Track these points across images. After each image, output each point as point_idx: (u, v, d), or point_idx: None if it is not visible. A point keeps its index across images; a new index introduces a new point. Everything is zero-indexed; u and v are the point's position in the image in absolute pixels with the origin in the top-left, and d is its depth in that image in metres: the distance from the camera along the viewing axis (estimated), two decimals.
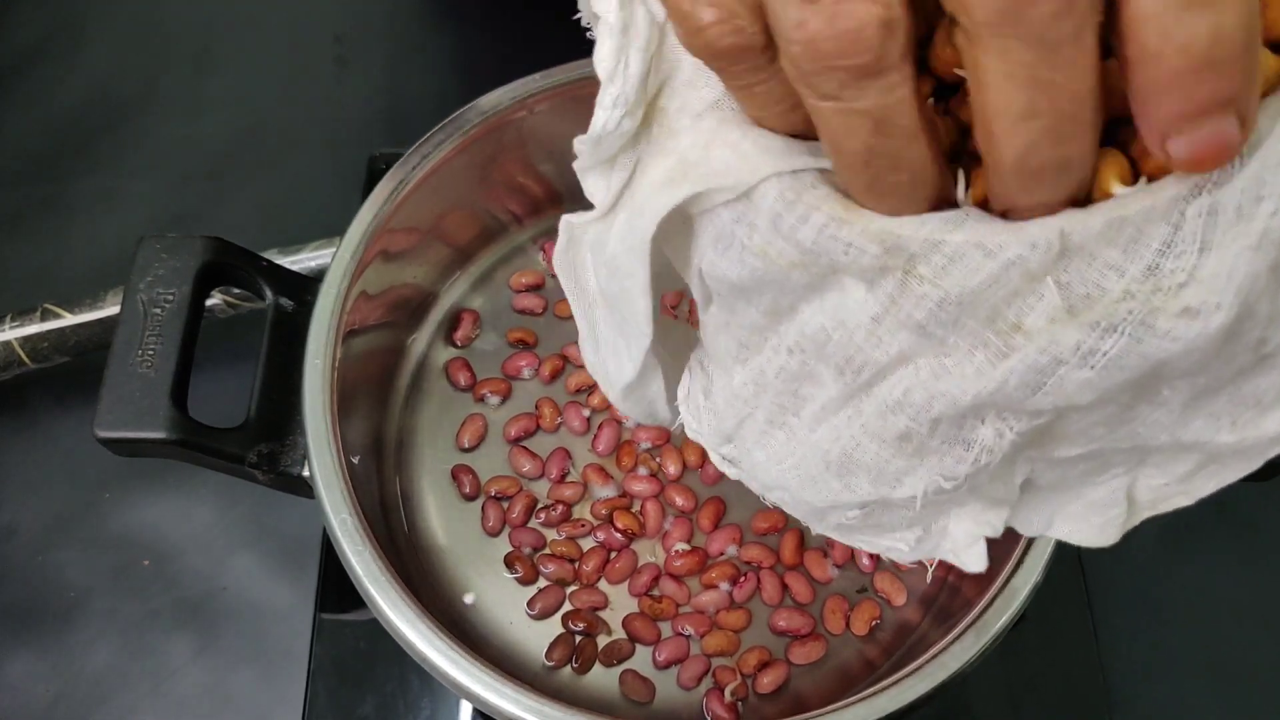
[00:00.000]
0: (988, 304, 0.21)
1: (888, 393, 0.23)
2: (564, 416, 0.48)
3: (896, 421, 0.23)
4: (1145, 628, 0.50)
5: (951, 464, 0.24)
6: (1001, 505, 0.27)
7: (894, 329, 0.22)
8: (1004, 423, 0.23)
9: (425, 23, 0.70)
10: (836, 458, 0.25)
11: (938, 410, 0.23)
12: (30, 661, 0.49)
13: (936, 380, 0.22)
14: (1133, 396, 0.23)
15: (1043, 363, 0.21)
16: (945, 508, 0.28)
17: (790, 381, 0.25)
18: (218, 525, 0.52)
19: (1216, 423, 0.24)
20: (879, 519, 0.27)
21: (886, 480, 0.25)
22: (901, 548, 0.29)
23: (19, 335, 0.51)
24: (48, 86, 0.66)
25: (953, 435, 0.23)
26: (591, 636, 0.44)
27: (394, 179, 0.44)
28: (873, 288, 0.22)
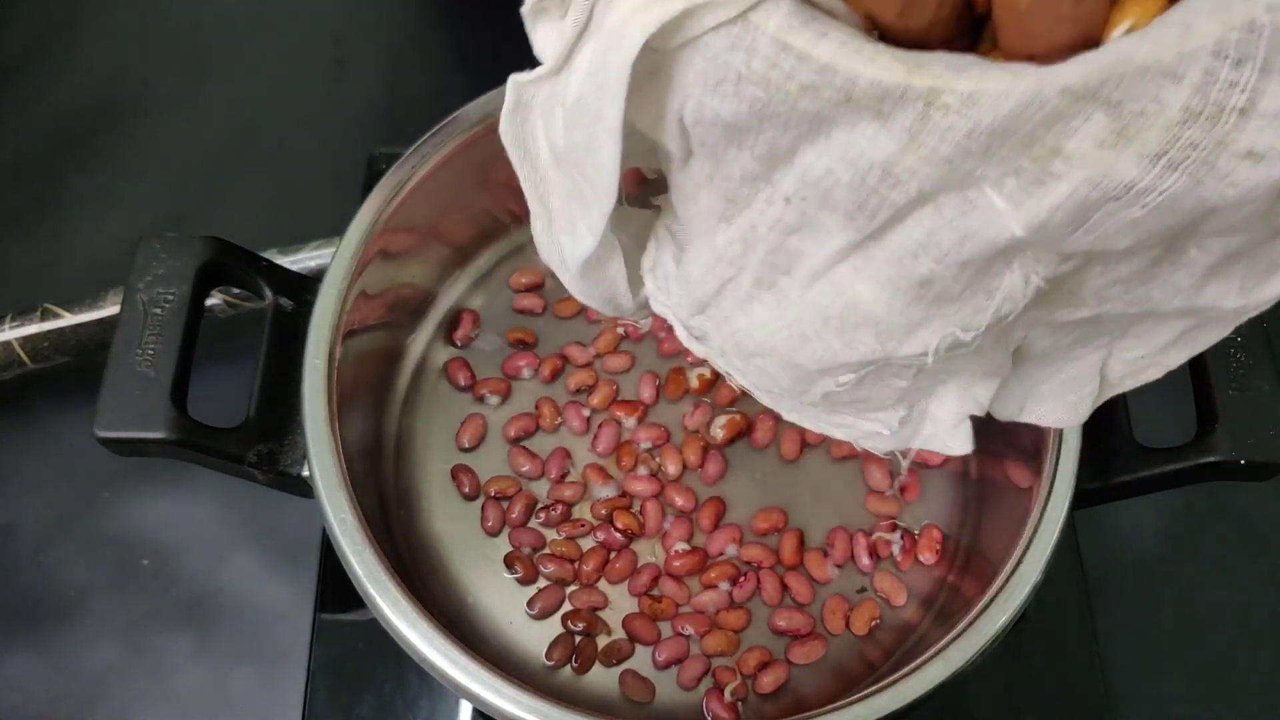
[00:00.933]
0: (1023, 130, 0.19)
1: (906, 236, 0.21)
2: (564, 416, 0.48)
3: (918, 266, 0.22)
4: (1145, 628, 0.50)
5: (970, 313, 0.22)
6: (991, 377, 0.26)
7: (915, 166, 0.20)
8: (1031, 267, 0.22)
9: (425, 23, 0.70)
10: (839, 311, 0.23)
11: (969, 251, 0.21)
12: (29, 660, 0.49)
13: (964, 217, 0.21)
14: (1164, 250, 0.22)
15: (1092, 196, 0.20)
16: (934, 384, 0.26)
17: (785, 235, 0.23)
18: (217, 525, 0.52)
19: (1227, 288, 0.23)
20: (868, 391, 0.25)
21: (896, 333, 0.23)
22: (882, 430, 0.27)
23: (19, 335, 0.51)
24: (47, 87, 0.66)
25: (976, 281, 0.22)
26: (591, 636, 0.44)
27: (394, 179, 0.44)
28: (887, 122, 0.20)
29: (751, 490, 0.47)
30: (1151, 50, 0.18)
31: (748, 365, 0.27)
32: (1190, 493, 0.42)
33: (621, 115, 0.22)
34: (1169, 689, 0.49)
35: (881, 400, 0.26)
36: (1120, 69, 0.18)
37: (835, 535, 0.46)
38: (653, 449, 0.48)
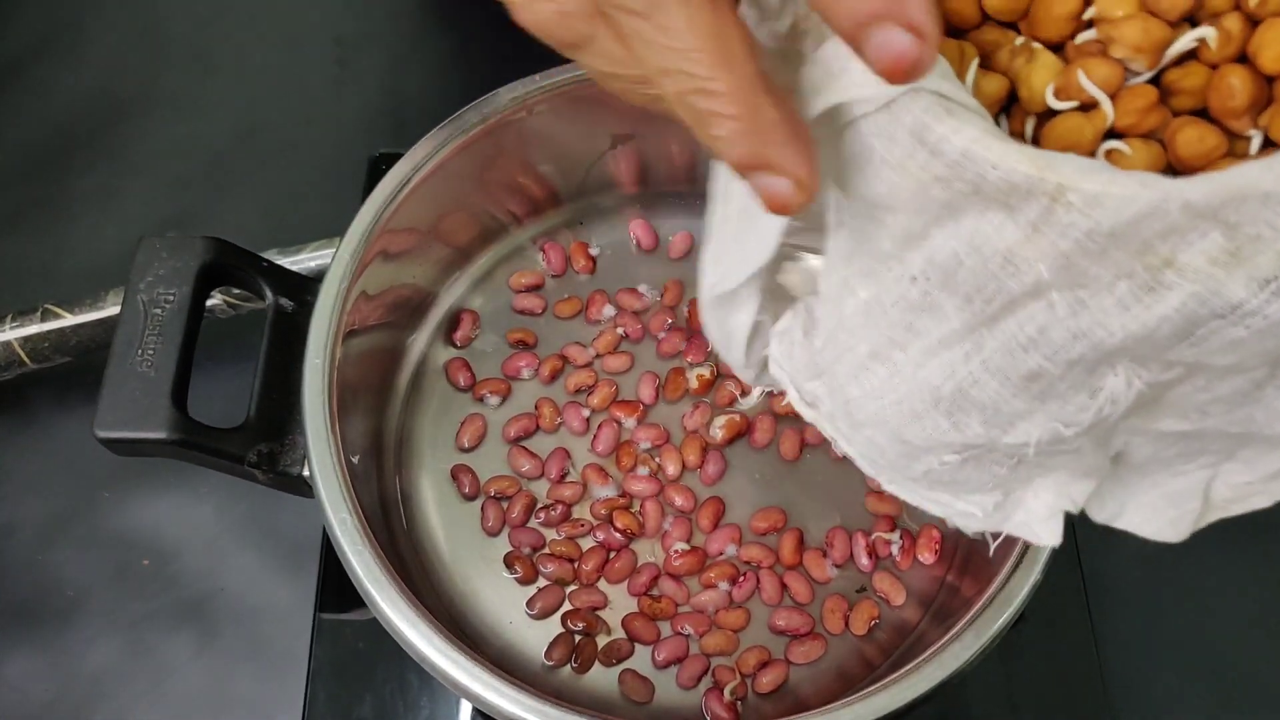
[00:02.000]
0: (1141, 236, 0.20)
1: (1018, 329, 0.22)
2: (563, 417, 0.48)
3: (1028, 360, 0.22)
4: (1144, 627, 0.50)
5: (1074, 411, 0.23)
6: (1089, 477, 0.27)
7: (1034, 259, 0.21)
8: (1135, 371, 0.22)
9: (425, 23, 0.70)
10: (949, 394, 0.24)
11: (1078, 351, 0.22)
12: (29, 661, 0.49)
13: (1074, 317, 0.21)
14: (1269, 373, 0.22)
15: (1199, 313, 0.20)
16: (1032, 476, 0.27)
17: (907, 312, 0.24)
18: (217, 525, 0.52)
19: None
20: (969, 474, 0.26)
21: (1000, 422, 0.24)
22: (976, 513, 0.28)
23: (19, 335, 0.51)
24: (49, 86, 0.66)
25: (1082, 380, 0.23)
26: (591, 636, 0.44)
27: (394, 179, 0.44)
28: (1014, 214, 0.21)
29: (751, 490, 0.47)
30: (1276, 179, 0.19)
31: (856, 434, 0.28)
32: None
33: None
34: (1168, 689, 0.49)
35: (980, 484, 0.27)
36: (1243, 192, 0.19)
37: (834, 535, 0.46)
38: (652, 449, 0.48)
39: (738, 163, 0.22)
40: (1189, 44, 0.23)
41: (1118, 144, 0.23)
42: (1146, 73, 0.23)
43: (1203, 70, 0.23)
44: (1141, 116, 0.23)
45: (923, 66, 0.19)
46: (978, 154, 0.21)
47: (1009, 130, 0.24)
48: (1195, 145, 0.23)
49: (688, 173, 0.52)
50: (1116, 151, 0.23)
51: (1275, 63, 0.22)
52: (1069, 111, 0.23)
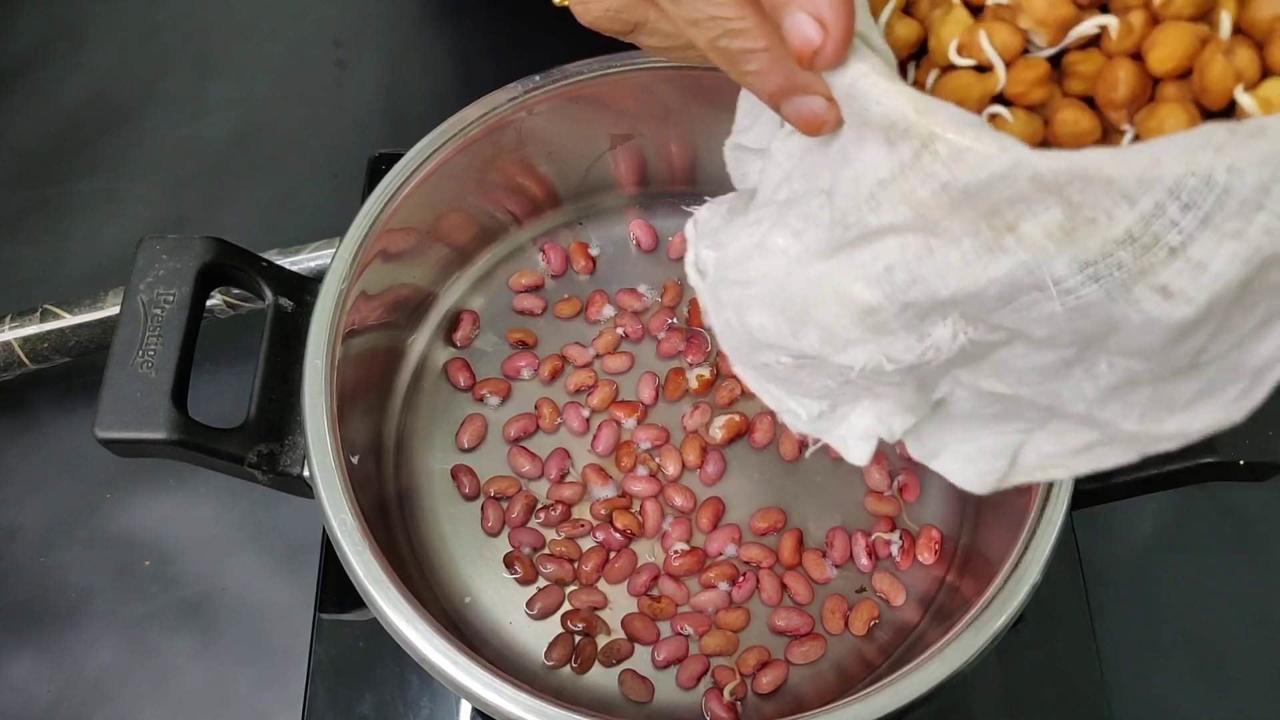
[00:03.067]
0: (990, 200, 0.21)
1: (870, 263, 0.24)
2: (563, 417, 0.48)
3: (869, 293, 0.24)
4: (1143, 627, 0.50)
5: (900, 350, 0.25)
6: (909, 413, 0.29)
7: (895, 200, 0.23)
8: (961, 326, 0.24)
9: (425, 24, 0.70)
10: (798, 304, 0.26)
11: (914, 295, 0.23)
12: (31, 661, 0.49)
13: (920, 262, 0.23)
14: (1076, 354, 0.24)
15: (1024, 280, 0.22)
16: (859, 396, 0.29)
17: (802, 220, 0.26)
18: (218, 525, 0.52)
19: (1128, 411, 0.25)
20: (802, 378, 0.28)
21: (834, 343, 0.26)
22: (801, 414, 0.30)
23: (19, 335, 0.51)
24: (49, 88, 0.66)
25: (913, 324, 0.24)
26: (591, 636, 0.44)
27: (394, 179, 0.44)
28: (891, 149, 0.22)
29: (750, 490, 0.47)
30: (1119, 167, 0.20)
31: (719, 311, 0.30)
32: (1190, 492, 0.42)
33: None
34: (1167, 689, 0.49)
35: (809, 389, 0.29)
36: (1088, 173, 0.20)
37: (834, 535, 0.46)
38: (652, 449, 0.48)
39: (773, 92, 0.24)
40: (1091, 29, 0.24)
41: (1001, 109, 0.24)
42: (1047, 49, 0.24)
43: (1099, 58, 0.24)
44: (1029, 87, 0.24)
45: (826, 56, 0.22)
46: (862, 89, 0.22)
47: (913, 79, 0.26)
48: (1070, 126, 0.24)
49: (687, 173, 0.52)
50: (999, 117, 0.24)
51: (1161, 64, 0.23)
52: (964, 69, 0.24)
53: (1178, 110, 0.23)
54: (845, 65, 0.23)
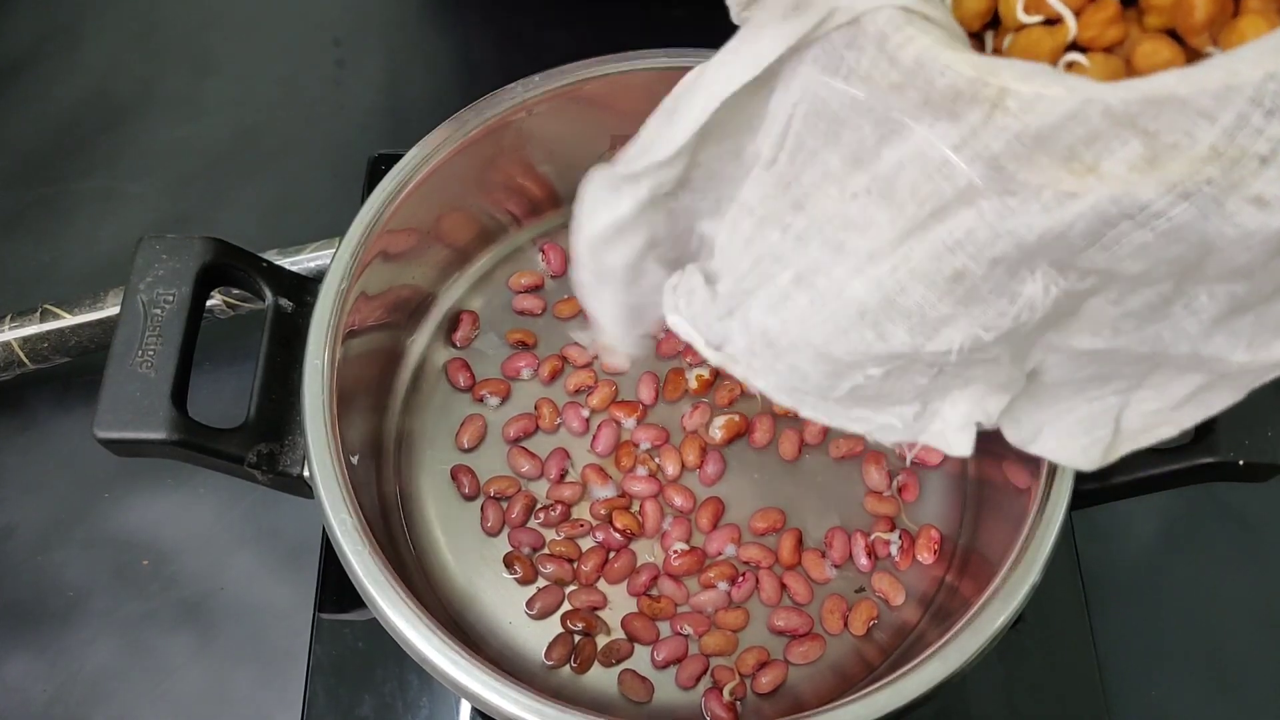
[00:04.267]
0: (1065, 142, 0.21)
1: (948, 232, 0.23)
2: (563, 417, 0.48)
3: (953, 260, 0.23)
4: (1143, 628, 0.50)
5: (994, 315, 0.24)
6: (1003, 392, 0.27)
7: (969, 160, 0.22)
8: (1052, 277, 0.23)
9: (425, 23, 0.70)
10: (875, 305, 0.25)
11: (1000, 249, 0.23)
12: (29, 661, 0.49)
13: (1001, 219, 0.22)
14: (1174, 288, 0.23)
15: (1110, 212, 0.21)
16: (949, 388, 0.28)
17: (840, 230, 0.25)
18: (217, 525, 0.52)
19: (1235, 341, 0.24)
20: (892, 385, 0.27)
21: (925, 329, 0.25)
22: (896, 424, 0.29)
23: (19, 335, 0.51)
24: (47, 87, 0.66)
25: (1003, 284, 0.24)
26: (590, 636, 0.44)
27: (394, 180, 0.44)
28: (957, 121, 0.22)
29: (750, 490, 0.47)
30: (1193, 87, 0.20)
31: (777, 363, 0.28)
32: (1189, 493, 0.42)
33: (726, 93, 0.24)
34: (1167, 689, 0.49)
35: (901, 395, 0.28)
36: (1162, 99, 0.20)
37: (833, 535, 0.46)
38: (652, 449, 0.48)
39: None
40: None
41: (1078, 56, 0.24)
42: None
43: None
44: (1102, 29, 0.24)
45: None
46: (928, 60, 0.22)
47: (991, 48, 0.25)
48: (1150, 58, 0.23)
49: None
50: (1076, 64, 0.24)
51: None
52: (1033, 25, 0.24)
53: (1258, 20, 0.22)
54: (908, 40, 0.22)
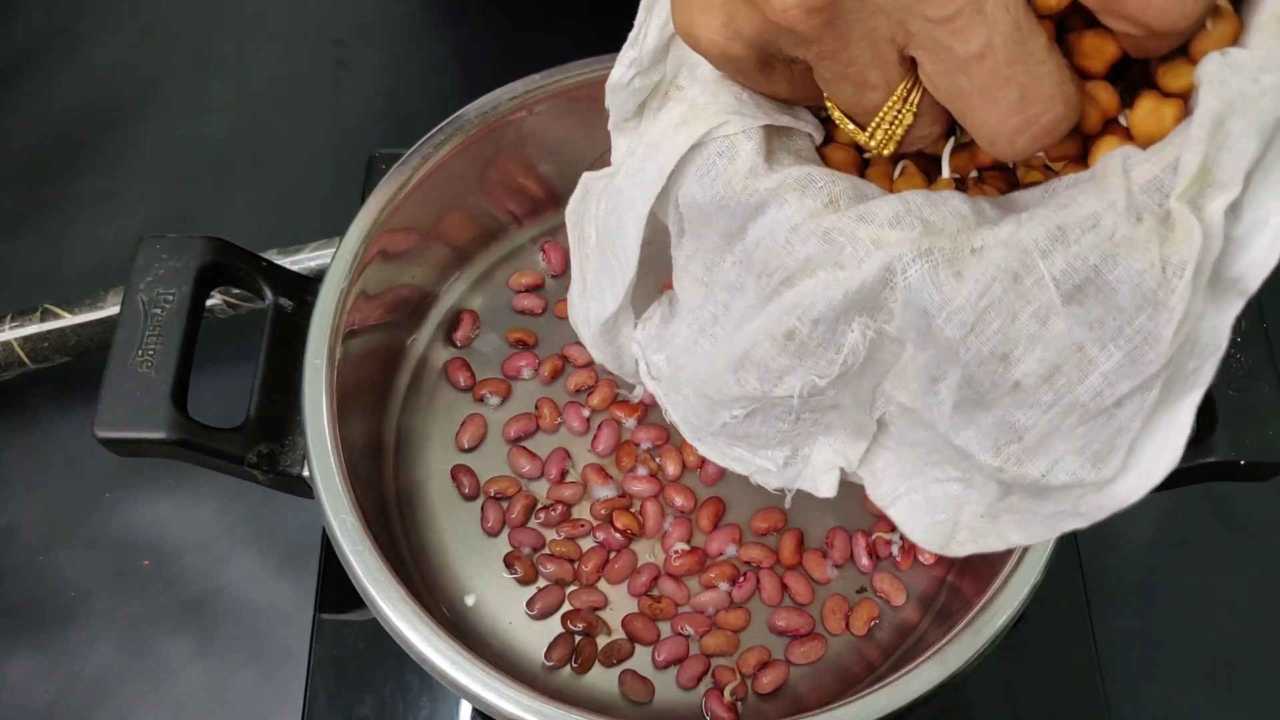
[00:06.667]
0: (880, 220, 0.25)
1: (791, 301, 0.27)
2: (564, 417, 0.48)
3: (786, 321, 0.27)
4: (1143, 628, 0.50)
5: (825, 365, 0.28)
6: (859, 437, 0.31)
7: (805, 236, 0.26)
8: (864, 322, 0.27)
9: (425, 23, 0.70)
10: (737, 355, 0.29)
11: (818, 310, 0.26)
12: (30, 661, 0.49)
13: (825, 288, 0.26)
14: (927, 362, 0.27)
15: (887, 266, 0.25)
16: (814, 434, 0.31)
17: (725, 292, 0.29)
18: (217, 525, 0.52)
19: (983, 440, 0.27)
20: (757, 428, 0.31)
21: (771, 376, 0.29)
22: (770, 467, 0.32)
23: (19, 335, 0.51)
24: (48, 87, 0.66)
25: (827, 337, 0.27)
26: (591, 636, 0.44)
27: (394, 179, 0.44)
28: (803, 198, 0.26)
29: (751, 490, 0.46)
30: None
31: (677, 396, 0.33)
32: (1190, 493, 0.42)
33: (648, 206, 0.29)
34: (1168, 689, 0.49)
35: (768, 438, 0.32)
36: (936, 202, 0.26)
37: (834, 535, 0.46)
38: (652, 449, 0.48)
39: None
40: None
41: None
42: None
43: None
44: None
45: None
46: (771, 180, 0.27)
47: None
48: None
49: None
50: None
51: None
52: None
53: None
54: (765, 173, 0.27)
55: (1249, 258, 0.24)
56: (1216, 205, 0.23)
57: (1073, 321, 0.24)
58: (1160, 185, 0.24)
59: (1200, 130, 0.22)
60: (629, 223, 0.30)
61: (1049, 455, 0.27)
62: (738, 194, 0.27)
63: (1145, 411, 0.26)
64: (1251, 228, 0.24)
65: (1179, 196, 0.23)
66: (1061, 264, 0.24)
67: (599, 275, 0.32)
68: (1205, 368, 0.25)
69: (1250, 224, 0.24)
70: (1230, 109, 0.22)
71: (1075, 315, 0.24)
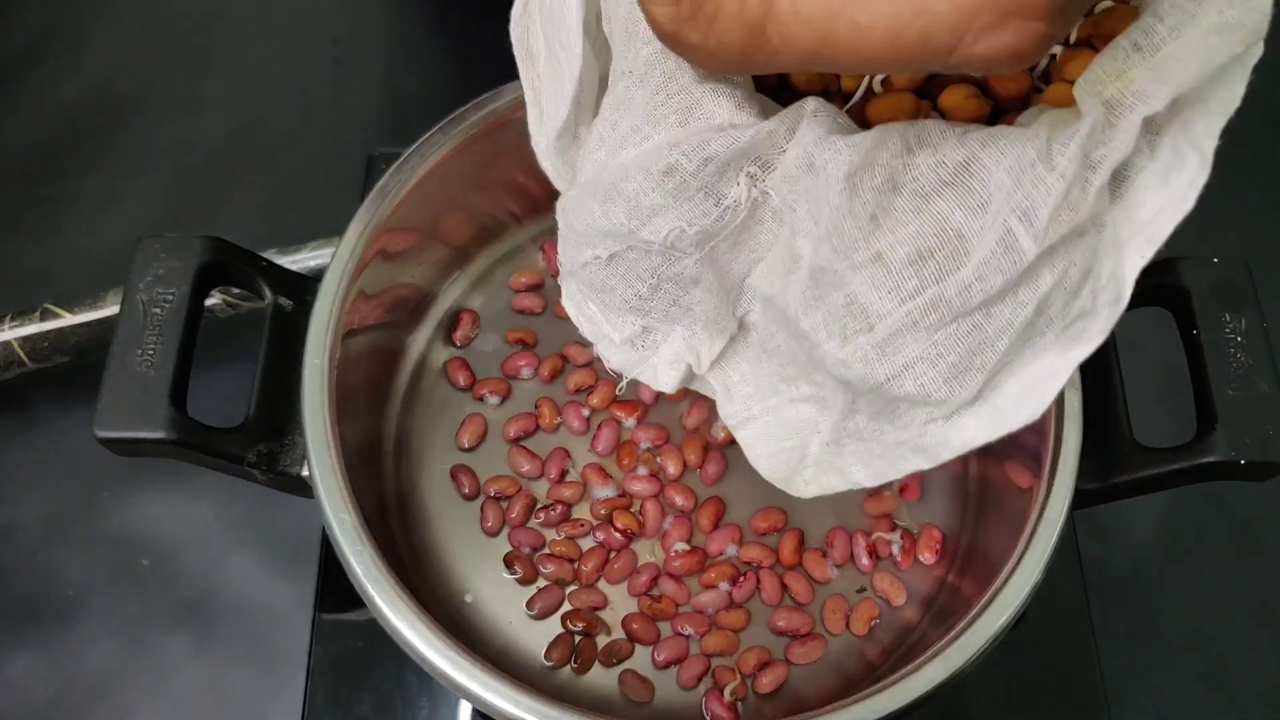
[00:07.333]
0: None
1: (674, 125, 0.25)
2: (563, 416, 0.48)
3: (670, 155, 0.25)
4: (1144, 627, 0.50)
5: (699, 214, 0.26)
6: (715, 333, 0.29)
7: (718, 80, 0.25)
8: (751, 173, 0.25)
9: (425, 22, 0.70)
10: (607, 184, 0.27)
11: (710, 149, 0.25)
12: (29, 660, 0.49)
13: (725, 130, 0.25)
14: (796, 227, 0.26)
15: (795, 116, 0.24)
16: (670, 316, 0.30)
17: (614, 110, 0.27)
18: (217, 525, 0.52)
19: (831, 325, 0.25)
20: (615, 282, 0.29)
21: (640, 213, 0.27)
22: (614, 338, 0.31)
23: (19, 335, 0.51)
24: (48, 86, 0.66)
25: (712, 182, 0.25)
26: (591, 636, 0.44)
27: (393, 179, 0.44)
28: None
29: (751, 490, 0.47)
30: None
31: (561, 218, 0.31)
32: (1189, 493, 0.42)
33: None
34: (1168, 689, 0.49)
35: (624, 300, 0.30)
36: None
37: (834, 535, 0.46)
38: (653, 449, 0.48)
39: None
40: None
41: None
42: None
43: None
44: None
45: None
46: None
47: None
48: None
49: None
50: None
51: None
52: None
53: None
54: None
55: (1159, 199, 0.23)
56: (1136, 112, 0.21)
57: (954, 204, 0.23)
58: (1076, 132, 0.22)
59: (1125, 39, 0.22)
60: (571, 4, 0.28)
61: (899, 356, 0.25)
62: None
63: (1014, 332, 0.24)
64: (1168, 168, 0.22)
65: (1083, 88, 0.22)
66: (953, 143, 0.23)
67: (551, 85, 0.30)
68: (1099, 320, 0.24)
69: (1166, 164, 0.22)
70: (1179, 34, 0.21)
71: (957, 198, 0.23)
